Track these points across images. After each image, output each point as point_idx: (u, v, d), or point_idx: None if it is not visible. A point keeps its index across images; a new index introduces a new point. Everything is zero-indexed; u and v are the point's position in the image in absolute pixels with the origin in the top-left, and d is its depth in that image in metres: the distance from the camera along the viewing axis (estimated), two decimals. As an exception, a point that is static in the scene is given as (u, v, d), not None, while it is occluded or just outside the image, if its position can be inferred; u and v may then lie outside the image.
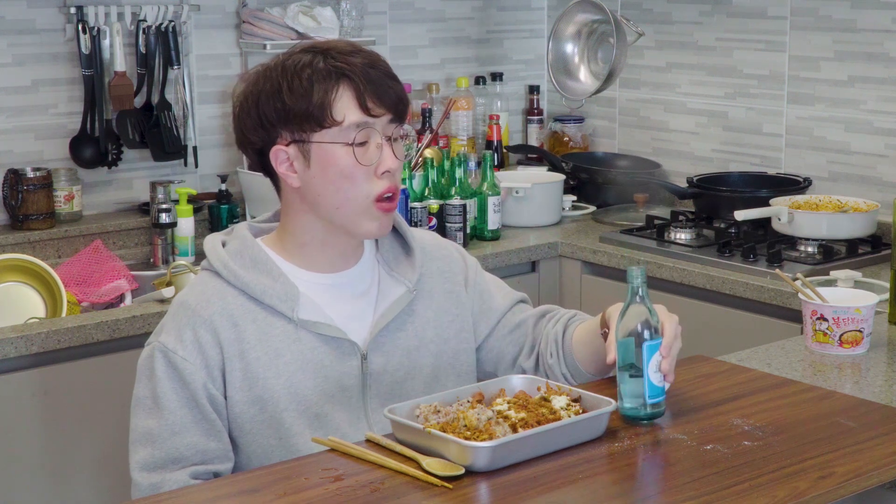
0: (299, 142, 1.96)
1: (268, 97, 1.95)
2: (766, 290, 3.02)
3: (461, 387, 1.94)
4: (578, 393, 1.89)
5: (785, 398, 2.05)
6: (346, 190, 1.96)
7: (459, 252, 2.22)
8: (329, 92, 1.93)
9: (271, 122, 1.96)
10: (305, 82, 1.93)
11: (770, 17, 3.72)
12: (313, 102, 1.93)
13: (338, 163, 1.94)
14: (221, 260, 2.00)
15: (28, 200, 3.33)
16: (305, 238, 2.01)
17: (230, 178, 3.62)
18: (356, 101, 1.94)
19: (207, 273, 2.02)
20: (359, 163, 1.94)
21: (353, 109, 1.94)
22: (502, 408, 1.82)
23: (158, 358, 1.94)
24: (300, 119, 1.94)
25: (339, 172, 1.95)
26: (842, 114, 3.58)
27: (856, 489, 1.73)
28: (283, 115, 1.95)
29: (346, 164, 1.94)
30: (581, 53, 3.93)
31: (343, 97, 1.93)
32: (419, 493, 1.66)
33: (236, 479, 1.78)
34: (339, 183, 1.95)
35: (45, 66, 3.43)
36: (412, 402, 1.84)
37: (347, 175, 1.95)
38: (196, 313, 1.95)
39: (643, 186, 3.88)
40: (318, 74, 1.93)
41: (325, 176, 1.96)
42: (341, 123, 1.93)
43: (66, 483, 2.80)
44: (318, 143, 1.95)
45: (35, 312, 2.97)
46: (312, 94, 1.93)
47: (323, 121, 1.93)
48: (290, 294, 1.97)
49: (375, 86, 1.95)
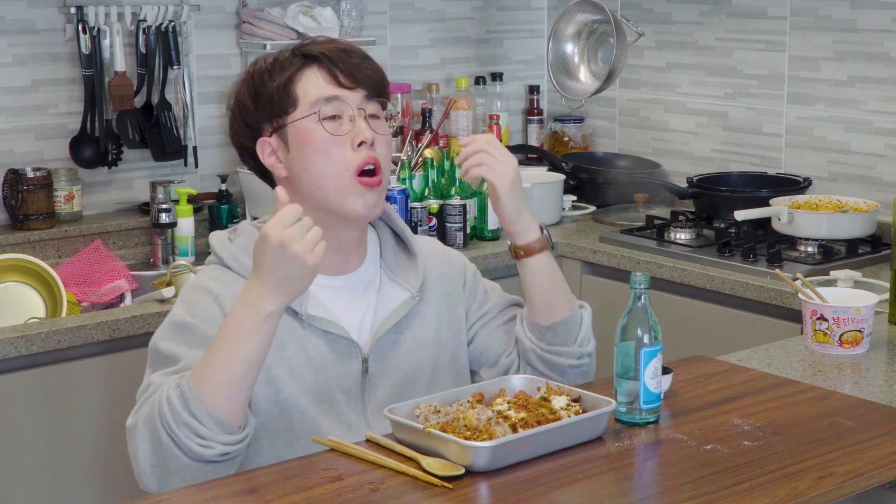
0: (278, 129, 1.99)
1: (244, 94, 2.02)
2: (766, 290, 3.02)
3: (460, 387, 1.94)
4: (578, 393, 1.89)
5: (785, 398, 2.05)
6: (322, 165, 1.97)
7: (460, 257, 2.23)
8: (294, 74, 1.98)
9: (251, 116, 2.02)
10: (271, 70, 1.99)
11: (770, 17, 3.72)
12: (278, 86, 1.98)
13: (311, 138, 1.97)
14: (231, 253, 2.01)
15: (28, 200, 3.33)
16: None
17: (230, 178, 3.62)
18: (323, 77, 1.98)
19: (216, 266, 2.03)
20: (330, 133, 1.96)
21: (320, 85, 1.98)
22: (502, 408, 1.82)
23: (169, 325, 1.94)
24: (269, 104, 1.99)
25: (313, 148, 1.97)
26: (842, 114, 3.58)
27: (856, 489, 1.73)
28: (256, 105, 2.00)
29: (319, 137, 1.97)
30: (581, 53, 3.93)
31: (308, 76, 1.99)
32: (419, 493, 1.66)
33: (236, 479, 1.77)
34: (315, 158, 1.97)
35: (45, 66, 3.43)
36: (412, 402, 1.84)
37: (321, 149, 1.97)
38: (208, 291, 1.97)
39: (643, 186, 3.88)
40: (283, 61, 2.00)
41: (303, 155, 1.98)
42: (308, 100, 1.97)
43: (66, 483, 2.80)
44: (292, 124, 1.98)
45: (35, 312, 2.97)
46: (277, 78, 1.98)
47: (289, 102, 1.97)
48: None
49: (345, 63, 1.99)
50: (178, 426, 1.78)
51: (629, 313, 1.90)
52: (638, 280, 1.90)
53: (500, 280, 3.33)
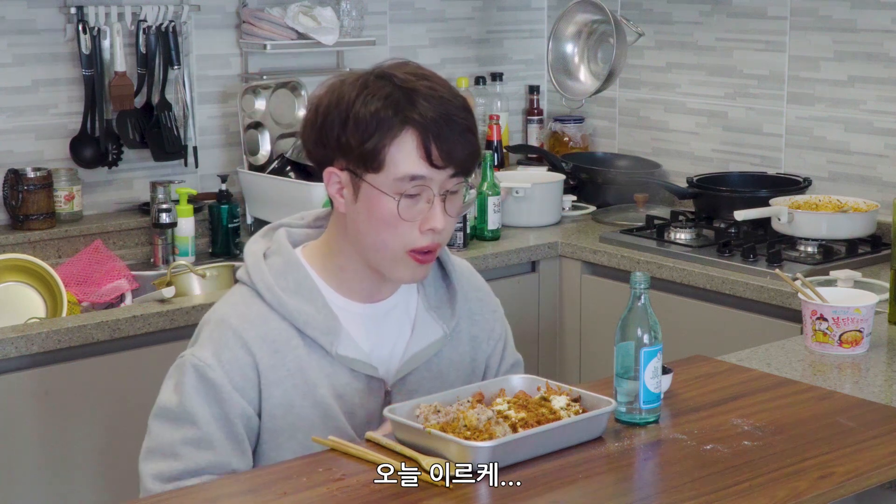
0: (353, 173, 1.90)
1: (332, 121, 1.89)
2: (766, 290, 3.02)
3: (461, 387, 1.93)
4: (578, 393, 1.89)
5: (785, 398, 2.05)
6: (384, 237, 1.91)
7: (492, 299, 2.17)
8: (390, 139, 1.85)
9: (331, 145, 1.91)
10: (371, 121, 1.86)
11: (770, 17, 3.72)
12: (371, 145, 1.86)
13: (382, 210, 1.88)
14: (265, 281, 1.95)
15: (28, 200, 3.33)
16: (344, 263, 1.98)
17: (230, 178, 3.62)
18: (418, 151, 1.86)
19: (249, 291, 1.97)
20: (401, 218, 1.89)
21: (412, 160, 1.86)
22: (502, 408, 1.82)
23: (191, 372, 1.89)
24: (355, 156, 1.88)
25: (381, 219, 1.89)
26: (842, 114, 3.58)
27: (856, 489, 1.73)
28: (342, 145, 1.89)
29: (390, 213, 1.88)
30: (581, 53, 3.93)
31: (404, 146, 1.86)
32: (419, 493, 1.66)
33: (236, 479, 1.78)
34: (380, 228, 1.90)
35: (45, 66, 3.43)
36: (412, 402, 1.84)
37: (389, 224, 1.89)
38: (237, 334, 1.91)
39: (643, 186, 3.88)
40: (385, 117, 1.86)
41: (369, 217, 1.90)
42: (394, 172, 1.87)
43: (66, 483, 2.80)
44: (369, 185, 1.89)
45: (35, 312, 2.97)
46: (374, 136, 1.86)
47: (377, 166, 1.87)
48: (331, 328, 1.94)
49: (444, 139, 1.86)
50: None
51: (629, 313, 1.90)
52: (638, 280, 1.90)
53: (500, 280, 3.36)
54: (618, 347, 1.91)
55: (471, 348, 2.10)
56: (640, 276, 1.90)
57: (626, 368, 1.90)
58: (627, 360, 1.89)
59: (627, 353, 1.89)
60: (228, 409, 1.88)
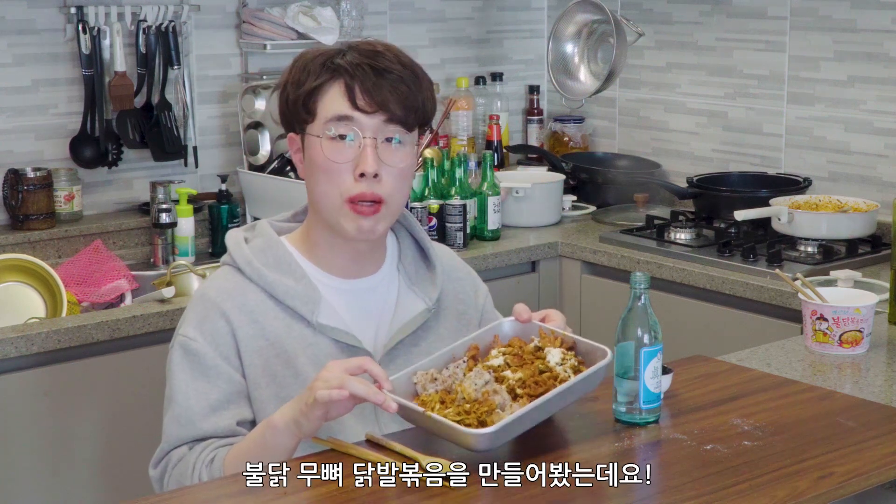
0: (300, 132, 1.99)
1: (283, 87, 2.00)
2: (766, 290, 3.02)
3: (455, 343, 1.92)
4: (572, 339, 1.88)
5: (785, 398, 2.05)
6: (323, 187, 1.95)
7: (473, 277, 2.20)
8: (320, 89, 1.94)
9: (283, 110, 2.01)
10: (304, 74, 1.96)
11: (770, 17, 3.72)
12: (302, 93, 1.95)
13: (317, 155, 1.94)
14: (245, 257, 2.00)
15: (28, 200, 3.33)
16: (315, 237, 2.01)
17: (230, 178, 3.62)
18: (344, 95, 1.92)
19: (229, 268, 2.02)
20: (329, 159, 1.93)
21: (338, 102, 1.93)
22: (498, 362, 1.82)
23: (177, 350, 1.95)
24: (295, 109, 1.97)
25: (317, 165, 1.95)
26: (842, 114, 3.58)
27: (856, 489, 1.73)
28: (286, 104, 1.99)
29: (320, 157, 1.94)
30: (581, 53, 3.93)
31: (332, 91, 1.93)
32: (419, 493, 1.66)
33: (236, 479, 1.77)
34: (319, 177, 1.95)
35: (45, 66, 3.43)
36: (409, 369, 1.85)
37: (323, 168, 1.94)
38: (215, 304, 1.95)
39: (643, 186, 3.88)
40: (315, 67, 1.95)
41: (310, 168, 1.97)
42: (323, 117, 1.93)
43: (66, 483, 2.80)
44: (307, 135, 1.96)
45: (35, 312, 2.97)
46: (305, 84, 1.95)
47: (307, 112, 1.95)
48: (311, 297, 1.96)
49: (370, 83, 1.91)
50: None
51: (629, 313, 1.90)
52: (638, 280, 1.90)
53: (500, 280, 3.36)
54: (618, 347, 1.91)
55: (458, 323, 2.11)
56: (641, 276, 1.90)
57: (626, 368, 1.90)
58: (627, 360, 1.89)
59: (627, 353, 1.89)
60: (213, 377, 1.92)
